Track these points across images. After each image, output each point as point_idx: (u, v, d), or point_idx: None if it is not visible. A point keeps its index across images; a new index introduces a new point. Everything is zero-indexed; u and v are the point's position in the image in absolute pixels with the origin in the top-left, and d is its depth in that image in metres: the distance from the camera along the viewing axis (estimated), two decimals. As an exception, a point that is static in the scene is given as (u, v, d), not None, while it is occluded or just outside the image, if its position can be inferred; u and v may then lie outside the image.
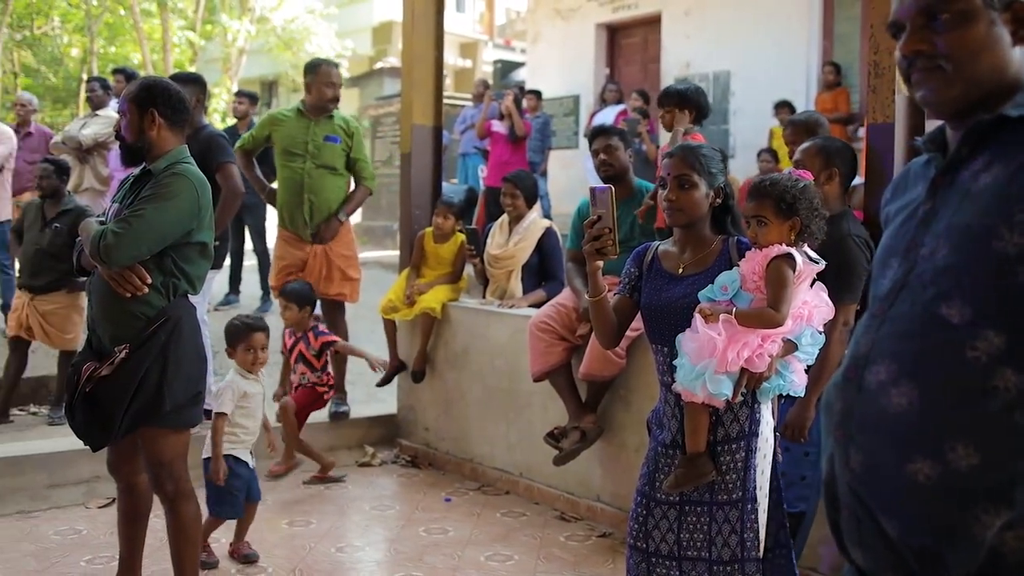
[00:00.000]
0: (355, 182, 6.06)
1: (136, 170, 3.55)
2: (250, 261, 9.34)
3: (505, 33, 25.18)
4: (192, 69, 22.34)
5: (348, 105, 17.40)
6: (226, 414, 4.16)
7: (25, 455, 5.16)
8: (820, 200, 2.82)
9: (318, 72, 5.93)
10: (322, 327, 5.63)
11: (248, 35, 25.13)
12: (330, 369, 5.58)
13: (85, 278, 3.62)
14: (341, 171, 5.97)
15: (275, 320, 8.69)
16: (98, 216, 3.60)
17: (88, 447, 3.53)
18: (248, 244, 9.32)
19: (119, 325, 3.35)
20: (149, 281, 3.32)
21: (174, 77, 5.64)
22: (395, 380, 6.16)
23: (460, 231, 5.99)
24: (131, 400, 3.30)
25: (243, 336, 4.30)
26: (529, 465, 5.32)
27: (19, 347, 6.44)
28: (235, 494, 4.20)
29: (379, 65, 22.37)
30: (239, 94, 9.34)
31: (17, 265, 6.98)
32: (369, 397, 6.53)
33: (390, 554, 4.53)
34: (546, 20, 14.20)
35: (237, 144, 6.14)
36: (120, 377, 3.30)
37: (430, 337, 5.86)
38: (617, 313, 3.00)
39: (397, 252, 9.42)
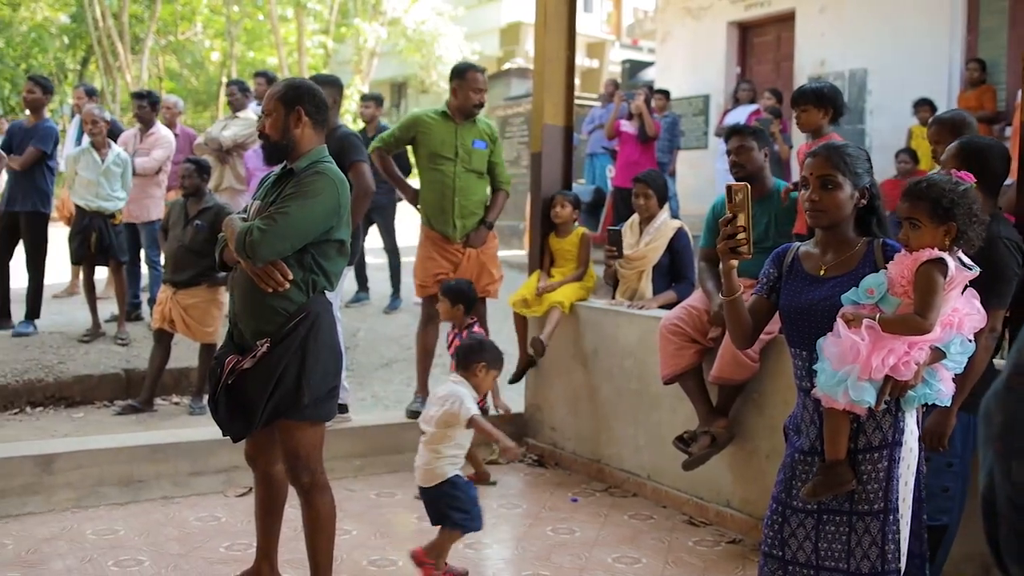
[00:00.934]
0: (493, 187, 6.10)
1: (277, 168, 3.64)
2: (379, 259, 9.50)
3: (633, 33, 25.01)
4: (325, 71, 22.93)
5: (476, 106, 17.50)
6: (477, 414, 4.03)
7: (169, 443, 5.37)
8: (980, 205, 2.70)
9: (465, 77, 5.95)
10: (477, 328, 5.55)
11: (379, 38, 25.64)
12: None
13: (226, 273, 3.72)
14: (484, 176, 6.05)
15: (405, 317, 8.86)
16: (240, 213, 3.70)
17: (228, 437, 3.63)
18: (377, 242, 9.48)
19: (261, 319, 3.43)
20: (291, 277, 3.40)
21: (313, 79, 5.78)
22: (523, 380, 6.20)
23: (580, 226, 6.01)
24: (271, 393, 3.39)
25: (500, 364, 4.25)
26: (657, 468, 5.27)
27: (163, 339, 6.72)
28: (478, 505, 4.08)
29: (507, 66, 22.47)
30: (365, 98, 9.49)
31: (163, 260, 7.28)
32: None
33: (517, 552, 4.55)
34: (676, 19, 14.05)
35: (375, 143, 6.23)
36: (261, 370, 3.39)
37: (557, 326, 5.82)
38: (753, 314, 2.95)
39: (523, 251, 9.49)
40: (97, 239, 7.56)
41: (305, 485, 3.52)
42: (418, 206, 6.13)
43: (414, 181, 6.31)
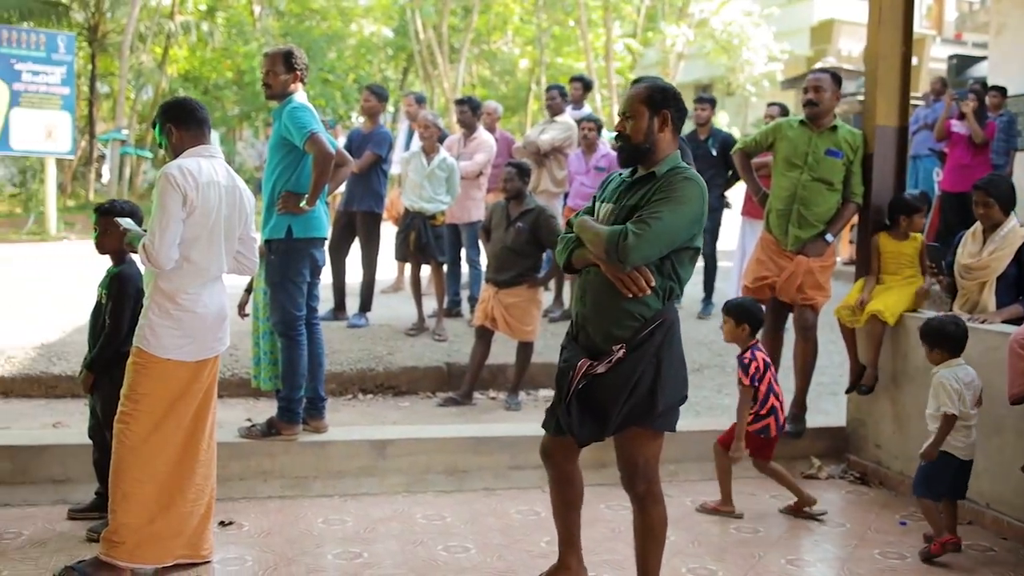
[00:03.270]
0: (843, 197, 5.83)
1: (624, 172, 3.62)
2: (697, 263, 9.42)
3: (961, 26, 23.40)
4: (632, 75, 23.13)
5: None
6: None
7: (492, 436, 5.58)
8: None
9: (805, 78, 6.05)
10: (759, 352, 5.03)
11: (686, 40, 25.56)
12: (772, 399, 4.99)
13: (574, 274, 3.69)
14: (837, 186, 5.80)
15: (716, 322, 8.72)
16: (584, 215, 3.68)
17: (578, 439, 3.54)
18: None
19: (615, 324, 3.40)
20: (653, 283, 3.36)
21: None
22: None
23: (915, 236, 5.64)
24: (626, 399, 3.36)
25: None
26: (998, 496, 4.85)
27: (484, 336, 6.98)
28: None
29: (818, 66, 21.72)
30: (700, 100, 9.12)
31: (484, 260, 7.56)
32: (813, 408, 6.29)
33: (843, 573, 4.33)
34: (1014, 9, 12.94)
35: (738, 144, 6.37)
36: (616, 376, 3.36)
37: (880, 348, 5.52)
38: None
39: (839, 258, 9.08)
40: (416, 238, 7.93)
41: (640, 493, 3.49)
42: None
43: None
